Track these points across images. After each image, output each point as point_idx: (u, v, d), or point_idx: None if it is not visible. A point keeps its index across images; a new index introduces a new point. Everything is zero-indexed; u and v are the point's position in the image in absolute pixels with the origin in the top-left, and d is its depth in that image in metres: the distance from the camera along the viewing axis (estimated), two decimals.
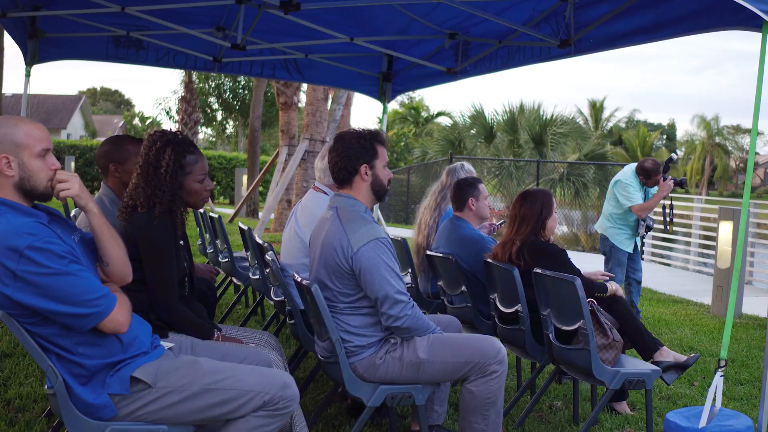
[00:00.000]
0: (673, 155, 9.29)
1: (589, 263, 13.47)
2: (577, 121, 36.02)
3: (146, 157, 4.11)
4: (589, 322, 4.71)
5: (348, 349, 4.27)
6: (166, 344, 3.76)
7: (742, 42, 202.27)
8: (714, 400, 4.20)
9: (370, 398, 4.28)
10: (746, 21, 4.41)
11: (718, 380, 4.24)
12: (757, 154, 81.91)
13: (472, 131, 32.54)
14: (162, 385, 3.43)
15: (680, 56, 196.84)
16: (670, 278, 14.64)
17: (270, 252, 5.64)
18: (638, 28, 5.69)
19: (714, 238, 16.32)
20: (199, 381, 3.47)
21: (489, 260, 5.66)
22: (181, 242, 4.26)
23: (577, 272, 5.36)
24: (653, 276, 13.78)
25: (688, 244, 17.30)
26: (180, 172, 4.12)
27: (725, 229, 10.91)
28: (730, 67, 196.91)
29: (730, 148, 79.68)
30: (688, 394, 6.58)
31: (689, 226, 16.98)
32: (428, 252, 6.41)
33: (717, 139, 76.63)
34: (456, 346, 4.37)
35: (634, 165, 9.07)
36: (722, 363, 4.29)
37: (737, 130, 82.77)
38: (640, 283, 9.27)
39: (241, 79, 46.56)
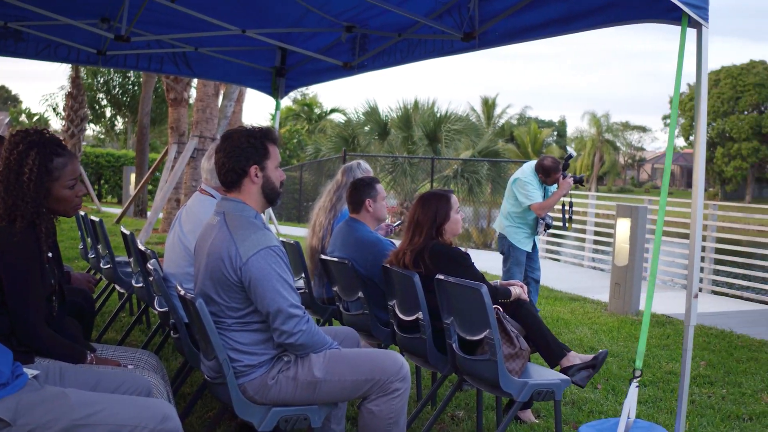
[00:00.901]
0: (572, 153, 9.17)
1: (485, 261, 13.41)
2: (470, 118, 36.13)
3: (7, 161, 3.62)
4: (495, 331, 4.44)
5: (237, 369, 3.89)
6: (30, 372, 3.32)
7: (633, 40, 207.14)
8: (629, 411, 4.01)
9: (262, 422, 3.91)
10: (664, 13, 4.21)
11: (633, 391, 4.05)
12: (643, 150, 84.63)
13: (366, 128, 32.34)
14: (23, 422, 3.00)
15: (571, 54, 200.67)
16: (565, 275, 14.62)
17: (153, 260, 5.21)
18: (547, 20, 5.41)
19: (607, 234, 16.48)
20: (66, 416, 3.04)
21: (387, 265, 5.35)
22: (50, 254, 3.82)
23: (481, 278, 5.10)
24: (548, 273, 13.69)
25: (582, 240, 17.35)
26: (46, 177, 3.64)
27: (623, 226, 10.87)
28: (620, 65, 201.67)
29: (618, 144, 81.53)
30: (593, 398, 6.40)
31: (584, 222, 17.01)
32: (323, 256, 6.08)
33: (607, 136, 78.27)
34: (355, 363, 4.04)
35: (533, 163, 8.91)
36: (637, 373, 4.10)
37: (626, 126, 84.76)
38: (538, 282, 9.15)
39: (131, 74, 45.56)
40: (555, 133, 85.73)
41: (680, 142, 78.75)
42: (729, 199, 71.32)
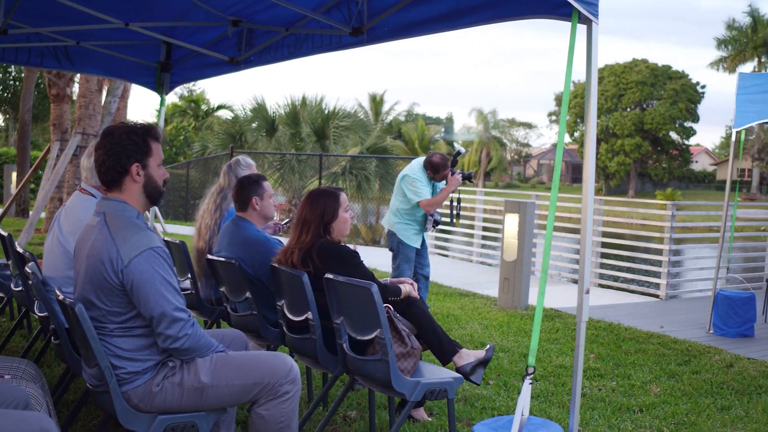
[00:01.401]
0: (461, 149, 9.17)
1: (374, 257, 13.38)
2: (359, 115, 36.10)
3: None
4: (387, 331, 4.37)
5: (120, 377, 3.73)
6: None
7: (520, 38, 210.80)
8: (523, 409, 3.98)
9: (148, 431, 3.77)
10: (554, 9, 4.20)
11: (526, 388, 4.02)
12: (529, 146, 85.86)
13: (254, 124, 32.05)
14: None
15: (459, 51, 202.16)
16: (454, 271, 14.69)
17: (31, 263, 4.98)
18: (437, 15, 5.35)
19: (495, 230, 16.64)
20: None
21: (275, 265, 5.24)
22: None
23: (371, 276, 5.03)
24: (438, 269, 13.73)
25: (470, 236, 17.47)
26: None
27: (511, 221, 10.95)
28: (507, 62, 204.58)
29: (505, 140, 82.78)
30: (485, 394, 6.41)
31: (472, 218, 17.13)
32: (209, 256, 5.92)
33: (493, 132, 79.36)
34: (243, 367, 3.92)
35: (421, 159, 8.88)
36: (530, 370, 4.08)
37: (512, 123, 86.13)
38: (428, 278, 9.14)
39: (12, 69, 44.16)
40: (442, 129, 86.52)
41: (565, 138, 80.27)
42: (613, 193, 73.10)
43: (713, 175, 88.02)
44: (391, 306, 4.98)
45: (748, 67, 68.66)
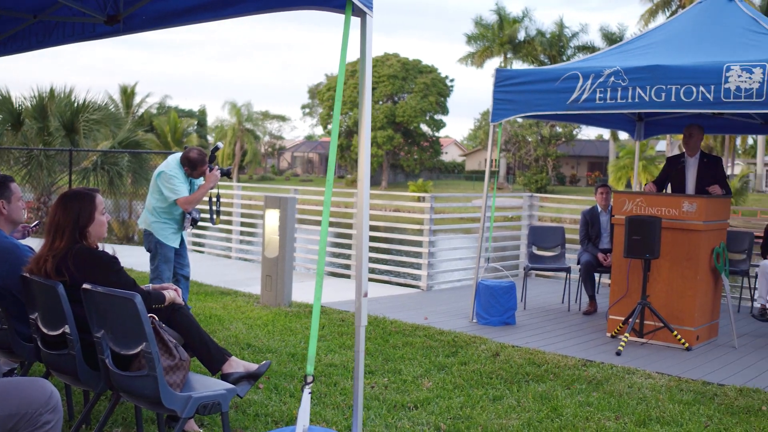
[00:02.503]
0: (219, 144, 8.86)
1: (129, 256, 12.82)
2: (110, 107, 34.74)
3: None
4: (153, 344, 4.04)
5: None
6: None
7: (273, 31, 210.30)
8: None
9: None
10: (327, 1, 4.00)
11: (306, 398, 3.82)
12: (283, 138, 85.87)
13: None
14: None
15: (212, 43, 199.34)
16: (214, 268, 14.28)
17: None
18: (200, 4, 5.02)
19: (253, 225, 16.37)
20: None
21: (26, 274, 4.76)
22: None
23: (133, 284, 4.66)
24: (196, 267, 13.22)
25: (228, 231, 17.11)
26: None
27: (272, 217, 10.73)
28: (261, 55, 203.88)
29: (258, 133, 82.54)
30: (257, 400, 6.15)
31: (229, 213, 16.76)
32: None
33: (247, 125, 78.94)
34: None
35: (178, 155, 8.49)
36: (309, 379, 3.87)
37: (266, 115, 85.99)
38: (188, 278, 8.77)
39: None
40: (195, 122, 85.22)
41: (318, 130, 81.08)
42: None
43: (462, 166, 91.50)
44: (155, 315, 4.64)
45: (495, 62, 71.78)
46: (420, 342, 8.44)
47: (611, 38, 63.38)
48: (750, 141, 74.92)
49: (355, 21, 3.97)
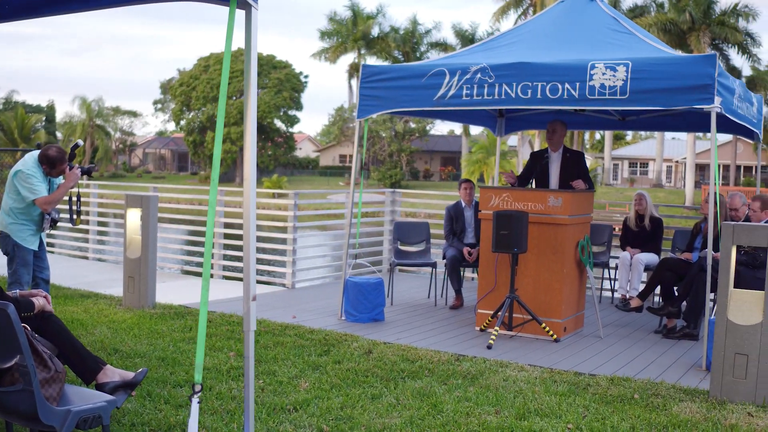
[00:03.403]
0: (79, 142, 8.54)
1: None
2: None
3: None
4: (29, 356, 3.81)
5: None
6: None
7: (124, 25, 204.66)
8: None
9: None
10: None
11: (195, 408, 3.68)
12: (134, 135, 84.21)
13: None
14: None
15: (63, 37, 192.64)
16: (72, 270, 13.77)
17: None
18: None
19: (111, 224, 15.90)
20: None
21: None
22: None
23: (0, 292, 4.41)
24: (54, 269, 12.68)
25: (85, 231, 16.55)
26: None
27: (133, 216, 10.41)
28: (111, 49, 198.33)
29: (109, 129, 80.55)
30: (131, 408, 5.91)
31: (86, 213, 16.20)
32: None
33: (98, 121, 76.95)
34: None
35: (36, 153, 8.13)
36: (197, 388, 3.73)
37: (117, 111, 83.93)
38: (48, 282, 8.44)
39: None
40: (44, 118, 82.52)
41: (171, 126, 79.68)
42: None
43: (317, 162, 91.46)
44: (27, 325, 4.40)
45: (349, 58, 72.15)
46: (291, 342, 8.32)
47: (464, 36, 64.52)
48: (597, 136, 77.55)
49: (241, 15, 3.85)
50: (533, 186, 10.22)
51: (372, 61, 67.30)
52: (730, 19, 52.03)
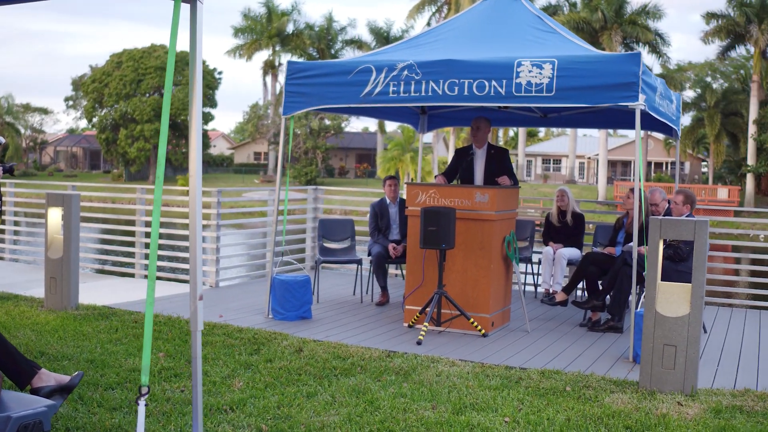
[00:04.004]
0: (1, 139, 8.34)
1: None
2: None
3: None
4: None
5: None
6: None
7: (32, 21, 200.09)
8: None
9: None
10: None
11: (141, 410, 3.62)
12: (45, 132, 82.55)
13: None
14: None
15: None
16: None
17: None
18: None
19: (19, 224, 15.55)
20: None
21: None
22: None
23: None
24: None
25: (1, 231, 16.15)
26: None
27: (54, 215, 10.19)
28: (20, 45, 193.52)
29: (19, 127, 78.82)
30: (64, 413, 5.73)
31: (3, 212, 15.79)
32: None
33: (8, 118, 75.24)
34: None
35: None
36: (144, 390, 3.68)
37: (27, 108, 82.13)
38: None
39: None
40: None
41: (83, 123, 78.26)
42: (134, 179, 72.60)
43: (231, 159, 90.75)
44: None
45: (264, 55, 71.82)
46: (220, 341, 8.25)
47: (379, 33, 64.74)
48: (511, 133, 78.50)
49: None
50: (459, 182, 10.29)
51: (287, 58, 67.17)
52: (640, 19, 53.19)
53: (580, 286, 10.48)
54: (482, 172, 10.10)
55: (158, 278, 13.55)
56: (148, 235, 13.53)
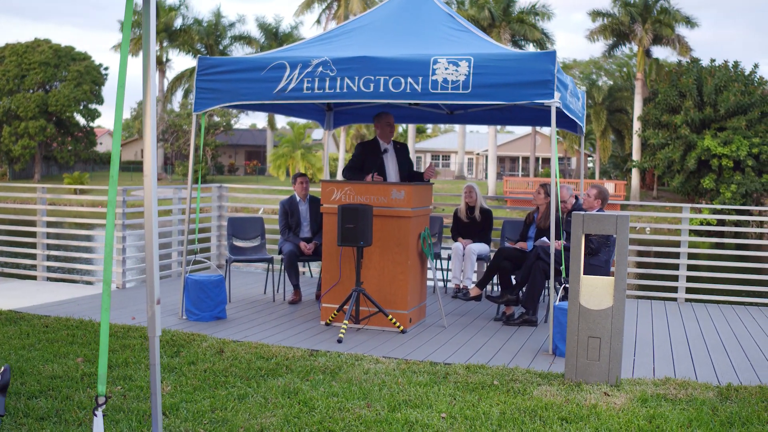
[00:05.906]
0: None
1: None
2: None
3: None
4: None
5: None
6: None
7: None
8: None
9: None
10: None
11: (99, 421, 3.52)
12: None
13: None
14: None
15: None
16: None
17: None
18: None
19: None
20: None
21: None
22: None
23: None
24: None
25: None
26: None
27: None
28: None
29: None
30: None
31: None
32: None
33: None
34: None
35: None
36: (101, 400, 3.58)
37: None
38: None
39: None
40: None
41: None
42: (18, 178, 70.58)
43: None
44: None
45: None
46: (138, 344, 8.09)
47: (268, 29, 64.34)
48: (400, 129, 78.97)
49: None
50: (372, 178, 10.26)
51: (175, 54, 66.19)
52: (528, 18, 54.14)
53: (494, 280, 10.62)
54: (395, 168, 10.12)
55: (54, 279, 13.20)
56: (50, 236, 13.18)
